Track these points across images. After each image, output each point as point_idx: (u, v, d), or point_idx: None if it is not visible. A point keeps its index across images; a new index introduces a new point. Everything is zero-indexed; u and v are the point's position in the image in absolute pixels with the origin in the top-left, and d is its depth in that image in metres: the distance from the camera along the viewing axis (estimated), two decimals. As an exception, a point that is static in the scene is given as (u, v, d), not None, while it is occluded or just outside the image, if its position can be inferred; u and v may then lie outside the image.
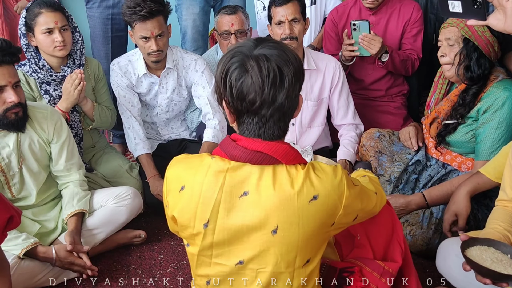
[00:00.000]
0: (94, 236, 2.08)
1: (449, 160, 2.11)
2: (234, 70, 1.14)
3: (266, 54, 1.14)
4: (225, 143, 1.21)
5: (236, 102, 1.15)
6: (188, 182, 1.20)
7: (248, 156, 1.17)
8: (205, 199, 1.18)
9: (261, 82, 1.12)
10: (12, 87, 1.81)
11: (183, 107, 2.68)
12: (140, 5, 2.23)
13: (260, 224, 1.17)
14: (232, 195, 1.17)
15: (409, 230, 2.01)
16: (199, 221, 1.19)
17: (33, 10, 2.18)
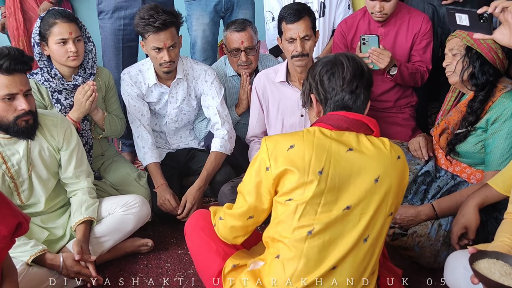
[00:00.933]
0: (102, 244, 2.08)
1: (458, 171, 2.10)
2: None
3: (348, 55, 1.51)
4: (325, 118, 1.47)
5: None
6: (297, 141, 1.41)
7: (349, 124, 1.44)
8: (317, 152, 1.40)
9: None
10: (23, 95, 1.84)
11: (192, 116, 2.69)
12: (153, 17, 2.26)
13: (365, 174, 1.41)
14: (340, 149, 1.41)
15: (417, 242, 1.99)
16: (313, 169, 1.38)
17: (48, 20, 2.21)
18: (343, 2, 2.92)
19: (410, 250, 2.03)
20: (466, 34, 1.98)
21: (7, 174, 1.95)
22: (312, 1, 2.87)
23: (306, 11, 2.31)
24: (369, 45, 2.43)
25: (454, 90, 2.18)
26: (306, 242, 1.39)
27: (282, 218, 1.42)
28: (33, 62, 1.92)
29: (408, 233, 2.04)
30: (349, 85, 1.47)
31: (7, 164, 1.94)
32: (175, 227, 2.43)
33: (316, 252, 1.40)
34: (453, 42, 2.03)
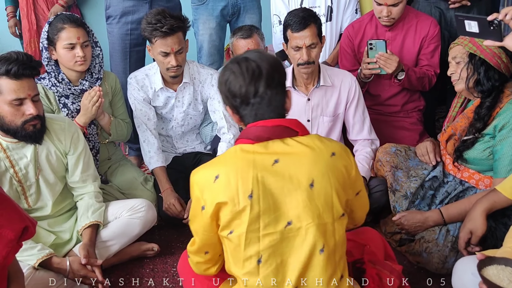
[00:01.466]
0: (108, 248, 2.09)
1: (466, 177, 2.08)
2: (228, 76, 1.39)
3: (246, 56, 1.39)
4: (244, 132, 1.38)
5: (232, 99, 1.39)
6: (220, 169, 1.34)
7: (269, 133, 1.35)
8: (243, 173, 1.32)
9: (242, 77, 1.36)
10: (31, 100, 1.85)
11: (199, 121, 2.70)
12: (161, 21, 2.26)
13: (298, 182, 1.32)
14: (265, 163, 1.33)
15: (424, 247, 1.98)
16: (242, 195, 1.31)
17: (56, 25, 2.22)
18: (351, 6, 2.90)
19: (417, 256, 2.01)
20: (468, 41, 1.96)
21: (14, 178, 1.96)
22: (319, 5, 2.86)
23: (312, 18, 2.27)
24: (376, 50, 2.42)
25: (460, 95, 2.17)
26: (260, 272, 1.32)
27: (230, 253, 1.37)
28: (41, 67, 1.94)
29: (416, 239, 2.03)
30: (249, 91, 1.35)
31: (14, 168, 1.95)
32: (181, 231, 2.43)
33: (272, 278, 1.33)
34: (455, 50, 2.02)
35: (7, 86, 1.79)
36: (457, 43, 2.02)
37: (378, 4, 2.48)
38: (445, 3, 2.71)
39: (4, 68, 1.78)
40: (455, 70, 2.03)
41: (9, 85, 1.79)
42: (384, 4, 2.45)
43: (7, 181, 1.94)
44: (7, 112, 1.84)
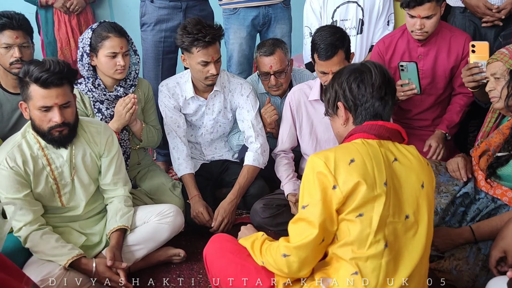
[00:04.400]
0: (136, 252, 2.12)
1: (499, 194, 2.04)
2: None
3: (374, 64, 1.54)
4: (364, 127, 1.47)
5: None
6: (355, 154, 1.39)
7: (390, 133, 1.47)
8: (377, 162, 1.39)
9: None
10: (58, 107, 1.88)
11: (228, 129, 2.72)
12: (202, 31, 2.29)
13: (412, 181, 1.43)
14: (389, 160, 1.43)
15: (455, 265, 1.94)
16: (379, 181, 1.37)
17: (100, 33, 2.27)
18: (382, 18, 2.88)
19: (447, 273, 1.97)
20: (509, 57, 1.92)
21: (50, 176, 2.00)
22: (350, 18, 2.86)
23: (340, 44, 2.21)
24: (407, 72, 2.39)
25: (494, 111, 2.13)
26: (384, 256, 1.37)
27: (355, 235, 1.38)
28: (76, 76, 1.97)
29: (445, 256, 2.00)
30: (379, 92, 1.48)
31: (51, 166, 2.00)
32: (208, 238, 2.42)
33: (392, 265, 1.39)
34: (495, 66, 1.98)
35: (36, 93, 1.85)
36: (496, 59, 1.98)
37: (411, 16, 2.43)
38: (480, 19, 2.68)
39: (34, 75, 1.82)
40: (494, 86, 1.99)
41: (38, 92, 1.84)
42: (417, 17, 2.39)
43: (43, 178, 1.99)
44: (36, 116, 1.90)
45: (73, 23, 3.49)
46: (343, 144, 1.47)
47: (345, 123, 1.53)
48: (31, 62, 1.88)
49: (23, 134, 1.99)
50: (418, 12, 2.38)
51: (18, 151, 1.95)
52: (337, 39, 2.22)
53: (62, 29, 3.50)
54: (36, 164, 1.97)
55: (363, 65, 1.53)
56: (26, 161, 1.95)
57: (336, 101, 1.53)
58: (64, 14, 3.46)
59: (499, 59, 1.96)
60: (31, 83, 1.84)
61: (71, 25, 3.49)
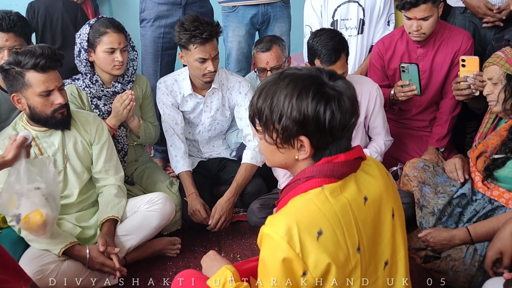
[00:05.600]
0: (128, 241, 2.12)
1: (496, 195, 2.05)
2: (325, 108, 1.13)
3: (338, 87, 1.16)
4: (322, 169, 1.15)
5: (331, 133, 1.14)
6: (322, 222, 1.09)
7: (351, 168, 1.17)
8: (346, 225, 1.11)
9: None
10: (58, 89, 1.94)
11: (225, 126, 2.71)
12: (199, 28, 2.28)
13: (384, 215, 1.20)
14: (359, 206, 1.15)
15: (451, 266, 1.95)
16: (352, 251, 1.11)
17: (98, 29, 2.26)
18: (383, 18, 2.88)
19: (443, 274, 1.98)
20: (505, 61, 1.93)
21: None
22: (351, 17, 2.85)
23: (341, 47, 2.19)
24: (408, 73, 2.39)
25: (492, 112, 2.14)
26: None
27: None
28: (63, 58, 1.99)
29: (442, 257, 2.00)
30: (354, 116, 1.15)
31: (43, 155, 2.01)
32: (205, 235, 2.44)
33: None
34: (492, 70, 1.98)
35: (36, 79, 1.88)
36: (493, 62, 1.98)
37: (407, 18, 2.42)
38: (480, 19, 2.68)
39: (32, 62, 1.86)
40: (492, 90, 2.00)
41: (37, 78, 1.88)
42: (414, 18, 2.38)
43: None
44: (38, 102, 1.92)
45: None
46: (300, 204, 1.12)
47: (302, 159, 1.18)
48: (18, 53, 1.92)
49: (14, 126, 2.03)
50: (414, 13, 2.38)
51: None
52: (338, 43, 2.19)
53: None
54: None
55: (330, 85, 1.14)
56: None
57: (297, 135, 1.14)
58: None
59: (496, 63, 1.96)
60: (27, 71, 1.87)
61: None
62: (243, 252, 2.30)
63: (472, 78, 2.25)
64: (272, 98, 1.15)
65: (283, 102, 1.13)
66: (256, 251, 2.25)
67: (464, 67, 2.28)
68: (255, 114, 1.21)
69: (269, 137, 1.19)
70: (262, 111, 1.17)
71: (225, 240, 2.43)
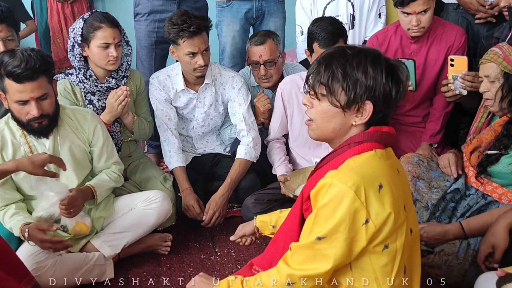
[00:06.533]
0: (123, 238, 2.11)
1: (489, 190, 2.06)
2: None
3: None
4: (374, 135, 1.27)
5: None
6: (381, 178, 1.22)
7: (393, 138, 1.32)
8: (396, 184, 1.25)
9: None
10: (35, 100, 1.85)
11: (219, 122, 2.71)
12: (187, 22, 2.28)
13: (408, 190, 1.34)
14: (396, 173, 1.30)
15: (444, 260, 1.96)
16: (401, 206, 1.24)
17: (92, 23, 2.24)
18: (373, 11, 2.86)
19: (436, 269, 1.99)
20: (502, 59, 1.92)
21: None
22: (341, 14, 2.84)
23: (340, 33, 2.25)
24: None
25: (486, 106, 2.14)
26: (403, 282, 1.28)
27: (379, 269, 1.24)
28: (52, 67, 1.92)
29: (435, 251, 2.01)
30: (404, 90, 1.29)
31: (33, 154, 1.97)
32: (199, 231, 2.44)
33: (409, 285, 1.32)
34: (488, 67, 1.97)
35: (11, 87, 1.82)
36: (490, 60, 1.96)
37: (406, 14, 2.41)
38: (473, 16, 2.69)
39: (7, 70, 1.79)
40: (488, 88, 1.99)
41: (12, 86, 1.82)
42: (413, 13, 2.38)
43: None
44: (14, 109, 1.88)
45: (67, 12, 3.45)
46: (360, 162, 1.24)
47: (358, 124, 1.28)
48: (4, 53, 1.84)
49: (7, 120, 1.99)
50: (413, 8, 2.38)
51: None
52: (337, 28, 2.26)
53: (55, 17, 3.46)
54: (17, 151, 1.96)
55: (391, 60, 1.28)
56: (5, 147, 1.95)
57: (364, 98, 1.23)
58: (57, 2, 3.41)
59: (493, 60, 1.95)
60: (5, 76, 1.81)
61: (65, 14, 3.45)
62: (237, 248, 2.30)
63: (461, 78, 2.26)
64: (345, 64, 1.24)
65: (357, 69, 1.23)
66: (250, 248, 2.25)
67: (453, 66, 2.29)
68: (321, 78, 1.27)
69: (335, 101, 1.26)
70: (332, 75, 1.24)
71: (219, 235, 2.42)
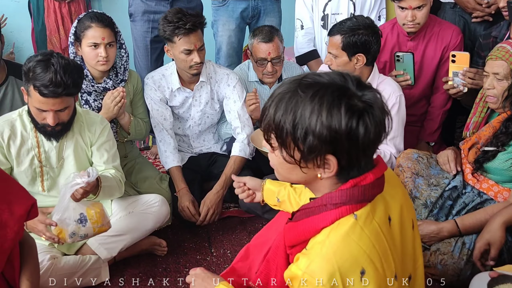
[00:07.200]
0: (121, 241, 2.10)
1: (485, 188, 2.05)
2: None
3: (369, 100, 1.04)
4: (354, 193, 1.05)
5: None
6: (363, 259, 1.01)
7: (381, 184, 1.10)
8: (382, 251, 1.04)
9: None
10: (54, 112, 1.86)
11: (215, 120, 2.70)
12: (182, 19, 2.27)
13: (406, 230, 1.14)
14: (387, 228, 1.08)
15: (440, 259, 1.96)
16: (390, 280, 1.05)
17: (84, 22, 2.24)
18: (374, 13, 2.86)
19: (432, 268, 1.99)
20: None
21: (36, 157, 1.99)
22: (342, 12, 2.84)
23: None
24: (403, 62, 2.39)
25: (485, 101, 2.10)
26: None
27: None
28: (79, 88, 1.92)
29: (431, 250, 2.01)
30: (384, 129, 1.05)
31: (39, 149, 1.98)
32: (195, 232, 2.43)
33: None
34: (498, 65, 1.93)
35: (34, 95, 1.82)
36: (501, 58, 1.92)
37: (401, 9, 2.43)
38: (470, 14, 2.69)
39: (35, 83, 1.78)
40: (494, 86, 1.97)
41: (35, 95, 1.82)
42: (409, 8, 2.40)
43: (28, 159, 1.98)
44: (32, 110, 1.90)
45: (64, 11, 3.44)
46: (337, 242, 1.02)
47: (324, 177, 1.08)
48: (39, 61, 1.79)
49: (20, 112, 1.99)
50: (409, 3, 2.38)
51: (8, 125, 1.95)
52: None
53: (51, 17, 3.45)
54: (24, 143, 1.97)
55: (361, 98, 1.02)
56: (14, 137, 1.95)
57: (324, 153, 1.03)
58: (54, 2, 3.40)
59: (504, 58, 1.91)
60: (31, 84, 1.80)
61: (62, 13, 3.44)
62: (233, 248, 2.30)
63: (462, 74, 2.25)
64: (295, 113, 1.02)
65: (309, 119, 1.00)
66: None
67: (454, 62, 2.28)
68: (271, 129, 1.07)
69: (288, 156, 1.07)
70: (281, 127, 1.04)
71: (215, 235, 2.42)
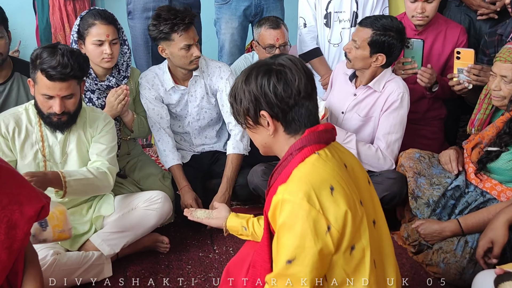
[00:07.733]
0: (124, 238, 2.10)
1: (488, 187, 2.05)
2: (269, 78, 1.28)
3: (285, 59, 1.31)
4: (312, 137, 1.27)
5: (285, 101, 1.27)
6: (331, 180, 1.20)
7: (332, 133, 1.32)
8: (347, 180, 1.24)
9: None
10: (60, 98, 1.89)
11: (214, 114, 2.65)
12: (178, 16, 2.26)
13: (362, 182, 1.32)
14: (344, 169, 1.28)
15: (442, 258, 1.96)
16: (357, 202, 1.23)
17: (87, 20, 2.24)
18: (377, 12, 2.85)
19: (434, 266, 1.99)
20: None
21: (40, 151, 2.00)
22: (345, 10, 2.83)
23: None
24: (413, 49, 2.37)
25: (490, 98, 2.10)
26: (375, 275, 1.25)
27: (352, 273, 1.22)
28: (86, 72, 1.96)
29: (434, 249, 2.01)
30: (306, 90, 1.26)
31: (43, 143, 1.99)
32: (197, 229, 2.43)
33: (381, 275, 1.30)
34: (506, 68, 1.94)
35: (41, 81, 1.86)
36: (509, 60, 1.92)
37: (412, 1, 2.47)
38: (475, 12, 2.68)
39: (42, 67, 1.82)
40: (501, 88, 1.98)
41: (42, 80, 1.85)
42: (419, 0, 2.44)
43: (32, 152, 1.99)
44: (38, 100, 1.92)
45: (69, 9, 3.44)
46: (306, 169, 1.22)
47: (274, 133, 1.29)
48: (45, 48, 1.86)
49: (27, 106, 2.02)
50: None
51: (14, 119, 1.97)
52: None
53: (56, 14, 3.45)
54: (29, 137, 1.98)
55: (275, 61, 1.29)
56: (19, 131, 1.97)
57: (258, 110, 1.28)
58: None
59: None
60: (38, 70, 1.84)
61: (67, 10, 3.44)
62: (235, 245, 2.30)
63: (466, 71, 2.25)
64: (236, 90, 1.33)
65: (240, 88, 1.31)
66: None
67: (459, 59, 2.27)
68: (241, 113, 1.34)
69: (247, 125, 1.34)
70: (235, 107, 1.34)
71: (217, 233, 2.42)
